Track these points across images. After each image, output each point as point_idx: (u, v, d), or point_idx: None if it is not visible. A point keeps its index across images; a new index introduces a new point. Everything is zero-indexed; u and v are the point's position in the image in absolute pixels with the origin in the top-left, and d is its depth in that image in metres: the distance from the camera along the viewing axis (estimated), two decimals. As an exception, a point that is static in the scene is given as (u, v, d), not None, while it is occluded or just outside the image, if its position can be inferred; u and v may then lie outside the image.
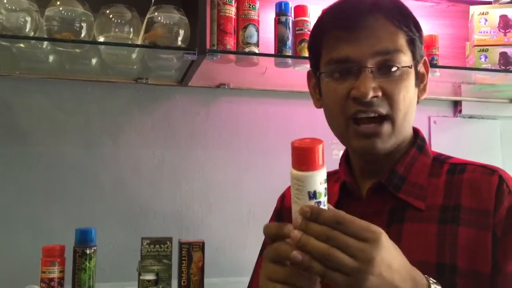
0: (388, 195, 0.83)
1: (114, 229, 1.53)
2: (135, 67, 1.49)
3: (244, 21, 1.41)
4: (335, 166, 1.01)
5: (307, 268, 0.60)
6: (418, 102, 0.87)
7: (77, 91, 1.56)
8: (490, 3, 1.69)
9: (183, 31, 1.32)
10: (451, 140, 1.78)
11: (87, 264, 1.21)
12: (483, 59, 1.59)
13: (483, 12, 1.61)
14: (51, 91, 1.54)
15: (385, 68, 0.79)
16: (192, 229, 1.59)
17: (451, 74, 1.65)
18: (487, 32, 1.60)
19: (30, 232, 1.47)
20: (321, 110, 0.90)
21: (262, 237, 1.65)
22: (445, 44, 1.75)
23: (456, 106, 1.85)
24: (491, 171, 0.81)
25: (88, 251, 1.21)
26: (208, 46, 1.35)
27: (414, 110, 0.85)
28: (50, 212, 1.50)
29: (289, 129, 1.72)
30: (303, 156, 0.63)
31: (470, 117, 1.86)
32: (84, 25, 1.27)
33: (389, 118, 0.80)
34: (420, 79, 0.86)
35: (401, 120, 0.80)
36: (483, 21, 1.61)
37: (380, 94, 0.78)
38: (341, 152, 0.95)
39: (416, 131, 0.90)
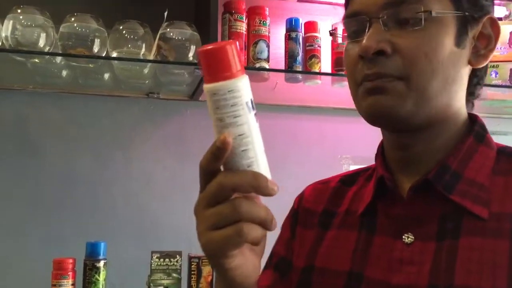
0: (437, 197, 0.64)
1: (125, 243, 1.53)
2: (147, 81, 1.51)
3: (255, 37, 1.43)
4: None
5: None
6: (476, 71, 0.68)
7: (90, 105, 1.58)
8: (500, 19, 1.70)
9: (194, 46, 1.34)
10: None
11: (97, 277, 1.22)
12: (493, 75, 1.59)
13: (494, 28, 1.61)
14: (64, 105, 1.56)
15: (402, 18, 0.62)
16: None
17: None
18: (497, 48, 1.60)
19: (41, 244, 1.48)
20: (330, 124, 0.82)
21: (269, 251, 1.65)
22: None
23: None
24: None
25: (98, 265, 1.22)
26: (219, 62, 1.37)
27: (457, 78, 0.64)
28: (61, 225, 1.51)
29: (298, 143, 1.72)
30: (220, 59, 0.50)
31: (481, 132, 1.86)
32: (97, 40, 1.30)
33: (402, 79, 0.62)
34: (482, 43, 0.66)
35: (423, 82, 0.62)
36: (494, 37, 1.61)
37: (389, 49, 0.62)
38: (351, 168, 0.91)
39: (474, 117, 0.70)
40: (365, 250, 0.67)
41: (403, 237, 0.64)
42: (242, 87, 0.52)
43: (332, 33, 0.73)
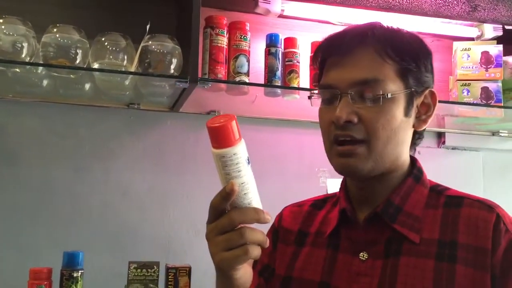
0: (384, 225, 0.83)
1: (102, 253, 1.53)
2: (127, 93, 1.52)
3: (235, 51, 1.46)
4: (322, 193, 1.04)
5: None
6: (417, 131, 0.87)
7: (69, 115, 1.58)
8: (472, 39, 1.76)
9: (176, 59, 1.36)
10: (434, 171, 1.78)
11: (74, 287, 1.21)
12: (465, 93, 1.65)
13: (466, 48, 1.68)
14: (43, 114, 1.56)
15: (364, 95, 0.81)
16: (179, 254, 1.60)
17: (436, 106, 1.70)
18: (469, 67, 1.66)
19: (17, 254, 1.47)
20: (308, 138, 0.94)
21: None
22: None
23: (440, 137, 1.91)
24: (488, 207, 0.81)
25: (75, 274, 1.22)
26: (200, 75, 1.39)
27: (404, 139, 0.84)
28: (38, 235, 1.50)
29: (277, 155, 1.75)
30: (225, 132, 0.70)
31: (453, 148, 1.91)
32: (79, 51, 1.31)
33: (365, 142, 0.81)
34: (423, 110, 0.86)
35: (380, 146, 0.81)
36: (466, 56, 1.67)
37: (355, 120, 0.80)
38: (328, 180, 0.99)
39: (413, 161, 0.89)
40: (331, 264, 0.86)
41: (360, 255, 0.83)
42: (242, 149, 0.71)
43: (310, 97, 0.91)
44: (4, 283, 1.43)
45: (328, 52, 0.86)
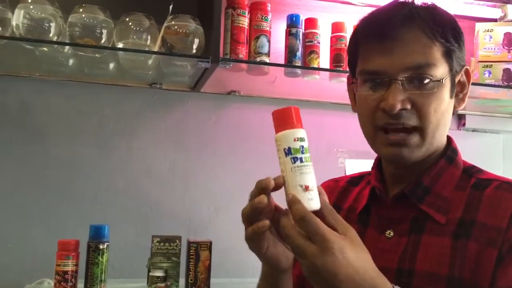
0: (412, 205, 0.83)
1: (126, 228, 1.58)
2: (150, 72, 1.55)
3: (256, 32, 1.47)
4: (340, 174, 1.06)
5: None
6: (456, 112, 0.86)
7: (93, 94, 1.62)
8: (495, 20, 1.74)
9: (198, 39, 1.39)
10: (454, 152, 1.83)
11: (100, 259, 1.26)
12: (487, 75, 1.64)
13: (488, 29, 1.66)
14: (69, 93, 1.61)
15: (416, 81, 0.79)
16: (199, 230, 1.65)
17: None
18: (491, 48, 1.65)
19: (46, 228, 1.53)
20: (328, 118, 0.93)
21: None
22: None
23: (460, 119, 1.90)
24: (503, 190, 0.80)
25: (101, 246, 1.27)
26: (221, 55, 1.41)
27: (449, 121, 0.84)
28: (65, 210, 1.56)
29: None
30: (278, 119, 0.71)
31: (474, 130, 1.91)
32: (104, 31, 1.34)
33: (418, 129, 0.80)
34: (459, 88, 0.85)
35: (431, 131, 0.80)
36: (488, 38, 1.66)
37: (409, 106, 0.79)
38: (346, 161, 1.00)
39: (449, 141, 0.88)
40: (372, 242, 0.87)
41: (386, 232, 0.85)
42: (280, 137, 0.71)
43: (352, 83, 0.88)
44: (34, 254, 1.49)
45: (368, 35, 0.82)
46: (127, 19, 1.37)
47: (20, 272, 1.47)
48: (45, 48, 1.34)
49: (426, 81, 0.79)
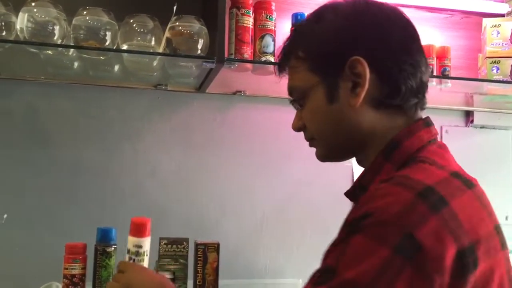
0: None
1: (133, 230, 1.57)
2: (155, 74, 1.55)
3: (261, 31, 1.46)
4: (347, 173, 1.05)
5: None
6: (355, 107, 0.80)
7: (99, 96, 1.62)
8: (503, 15, 1.72)
9: (202, 40, 1.38)
10: (462, 150, 1.79)
11: (108, 261, 1.26)
12: (495, 71, 1.62)
13: (496, 25, 1.64)
14: (74, 96, 1.61)
15: (294, 104, 0.88)
16: (207, 231, 1.64)
17: (463, 84, 1.68)
18: (499, 44, 1.63)
19: (53, 231, 1.52)
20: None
21: (275, 240, 1.69)
22: (458, 55, 1.79)
23: (468, 116, 1.88)
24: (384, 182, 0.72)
25: (108, 249, 1.26)
26: (226, 55, 1.40)
27: (347, 121, 0.81)
28: (72, 213, 1.56)
29: (302, 136, 1.76)
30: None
31: (482, 127, 1.89)
32: (108, 33, 1.34)
33: (315, 139, 0.87)
34: (352, 83, 0.79)
35: (322, 139, 0.86)
36: (496, 33, 1.64)
37: (302, 125, 0.87)
38: (353, 159, 0.98)
39: (396, 135, 0.80)
40: None
41: None
42: None
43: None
44: (42, 258, 1.49)
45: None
46: (131, 21, 1.36)
47: (28, 276, 1.47)
48: (49, 51, 1.34)
49: (295, 101, 0.87)
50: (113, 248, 1.27)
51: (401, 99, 0.80)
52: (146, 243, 1.03)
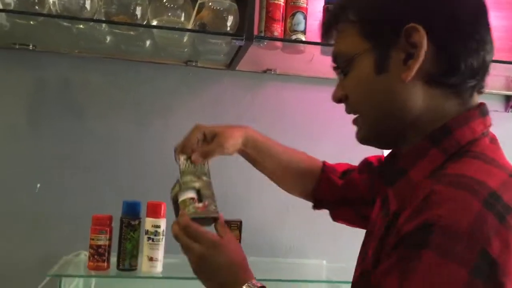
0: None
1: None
2: (185, 50, 1.55)
3: (293, 9, 1.43)
4: (376, 152, 1.03)
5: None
6: (406, 81, 0.71)
7: (130, 71, 1.64)
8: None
9: (232, 17, 1.36)
10: (501, 136, 1.73)
11: (132, 234, 1.29)
12: (539, 54, 1.54)
13: (542, 5, 1.55)
14: (107, 70, 1.63)
15: (337, 72, 0.80)
16: (233, 208, 1.65)
17: (504, 68, 1.61)
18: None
19: (83, 202, 1.57)
20: None
21: (301, 222, 1.69)
22: (500, 36, 1.70)
23: (508, 101, 1.80)
24: (436, 181, 0.65)
25: (133, 223, 1.29)
26: (256, 32, 1.39)
27: (396, 97, 0.73)
28: (101, 184, 1.59)
29: (333, 116, 1.73)
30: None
31: (523, 113, 1.81)
32: (139, 8, 1.34)
33: (356, 113, 0.79)
34: (405, 56, 0.71)
35: (365, 112, 0.77)
36: (542, 14, 1.55)
37: (343, 95, 0.79)
38: None
39: (449, 121, 0.73)
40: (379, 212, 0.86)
41: (383, 209, 0.80)
42: None
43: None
44: (73, 227, 1.54)
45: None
46: (161, -4, 1.36)
47: (58, 244, 1.52)
48: (81, 26, 1.35)
49: (339, 68, 0.78)
50: (137, 222, 1.30)
51: (458, 79, 0.71)
52: (163, 223, 1.08)
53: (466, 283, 0.56)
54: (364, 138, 0.79)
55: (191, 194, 0.98)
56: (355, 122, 0.80)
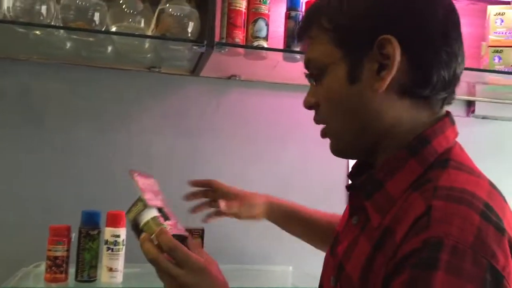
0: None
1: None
2: (148, 55, 1.53)
3: (254, 15, 1.43)
4: (341, 163, 1.03)
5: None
6: (379, 91, 0.71)
7: (92, 78, 1.61)
8: (508, 3, 1.66)
9: (193, 23, 1.35)
10: (463, 141, 1.76)
11: (91, 244, 1.26)
12: (496, 60, 1.57)
13: (500, 13, 1.59)
14: (67, 76, 1.60)
15: (309, 79, 0.80)
16: (197, 214, 1.63)
17: (466, 74, 1.61)
18: (502, 33, 1.58)
19: (43, 212, 1.53)
20: None
21: (267, 227, 1.68)
22: (464, 43, 1.73)
23: (470, 106, 1.84)
24: (431, 196, 0.64)
25: (92, 233, 1.27)
26: (217, 39, 1.38)
27: (367, 107, 0.73)
28: (61, 194, 1.56)
29: (298, 122, 1.74)
30: None
31: (484, 117, 1.84)
32: (97, 14, 1.31)
33: (326, 122, 0.79)
34: (378, 66, 0.71)
35: (334, 123, 0.76)
36: (499, 21, 1.58)
37: (314, 102, 0.79)
38: None
39: (428, 128, 0.73)
40: (346, 219, 0.85)
41: (353, 218, 0.79)
42: None
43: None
44: (32, 238, 1.49)
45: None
46: (121, 2, 1.34)
47: (17, 256, 1.47)
48: (37, 32, 1.32)
49: (311, 76, 0.78)
50: (97, 232, 1.27)
51: (430, 90, 0.71)
52: (123, 232, 1.05)
53: None
54: (337, 150, 0.79)
55: (156, 212, 0.90)
56: (323, 133, 0.80)
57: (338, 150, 0.79)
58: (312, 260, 1.39)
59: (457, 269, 0.57)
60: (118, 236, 1.25)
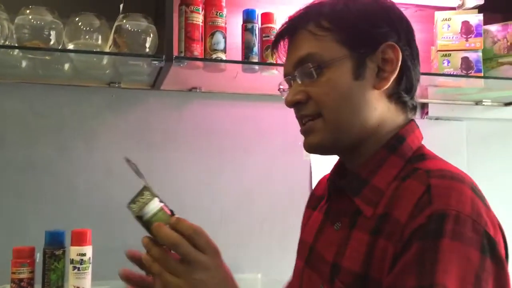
0: (350, 198, 0.81)
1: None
2: (107, 71, 1.53)
3: (212, 28, 1.45)
4: (305, 167, 1.05)
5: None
6: (380, 90, 0.79)
7: (50, 95, 1.59)
8: (454, 9, 1.74)
9: (150, 38, 1.36)
10: (418, 141, 1.84)
11: (56, 265, 1.25)
12: (445, 64, 1.64)
13: (446, 18, 1.66)
14: (24, 95, 1.58)
15: (306, 73, 0.81)
16: (164, 229, 1.63)
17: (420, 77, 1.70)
18: (449, 37, 1.66)
19: (4, 233, 1.50)
20: (291, 112, 0.87)
21: (234, 236, 1.70)
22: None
23: (423, 108, 1.91)
24: (426, 178, 0.72)
25: (57, 252, 1.25)
26: (176, 53, 1.39)
27: (362, 103, 0.79)
28: (23, 214, 1.53)
29: (260, 131, 1.77)
30: None
31: (437, 118, 1.92)
32: (53, 33, 1.31)
33: (319, 115, 0.81)
34: (382, 67, 0.79)
35: (333, 115, 0.80)
36: (446, 26, 1.66)
37: (303, 98, 0.81)
38: (311, 154, 0.99)
39: (401, 128, 0.82)
40: (320, 230, 0.89)
41: (335, 224, 0.84)
42: None
43: (279, 90, 0.90)
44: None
45: (278, 43, 0.88)
46: (77, 19, 1.34)
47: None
48: (-8, 52, 1.30)
49: (310, 69, 0.80)
50: (61, 251, 1.26)
51: (410, 97, 0.83)
52: (89, 250, 1.05)
53: (479, 260, 0.65)
54: (318, 144, 0.82)
55: (160, 202, 0.85)
56: (307, 129, 0.82)
57: (319, 145, 0.82)
58: (280, 266, 1.42)
59: (460, 235, 0.65)
60: (84, 254, 1.24)
